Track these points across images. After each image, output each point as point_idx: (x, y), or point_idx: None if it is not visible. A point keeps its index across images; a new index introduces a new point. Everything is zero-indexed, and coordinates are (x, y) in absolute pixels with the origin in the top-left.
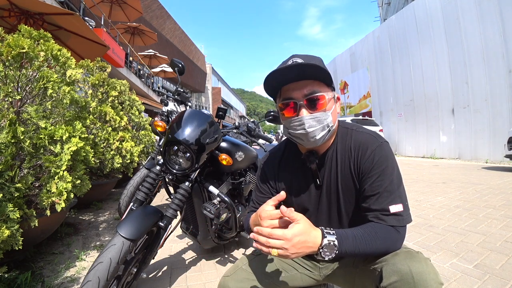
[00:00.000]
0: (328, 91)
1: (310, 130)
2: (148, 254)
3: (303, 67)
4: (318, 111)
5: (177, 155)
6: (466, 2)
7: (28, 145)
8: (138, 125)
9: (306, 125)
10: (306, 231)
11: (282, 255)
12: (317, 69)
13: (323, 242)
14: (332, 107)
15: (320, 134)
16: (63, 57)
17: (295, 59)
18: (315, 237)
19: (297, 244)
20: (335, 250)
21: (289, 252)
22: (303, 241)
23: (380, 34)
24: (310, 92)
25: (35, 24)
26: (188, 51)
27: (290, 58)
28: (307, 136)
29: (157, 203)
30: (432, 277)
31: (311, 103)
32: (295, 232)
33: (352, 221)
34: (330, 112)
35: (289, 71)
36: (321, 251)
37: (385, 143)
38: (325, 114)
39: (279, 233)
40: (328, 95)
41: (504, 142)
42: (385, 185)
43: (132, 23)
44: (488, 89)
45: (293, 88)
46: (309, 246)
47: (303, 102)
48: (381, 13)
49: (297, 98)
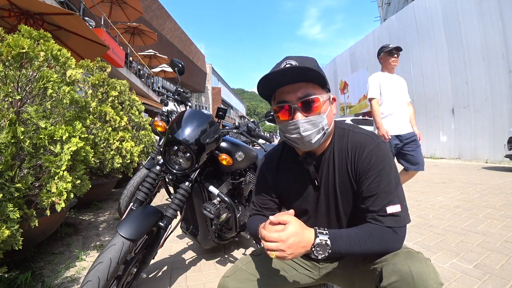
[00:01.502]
0: (322, 93)
1: (306, 134)
2: (148, 254)
3: (296, 69)
4: (313, 114)
5: (177, 155)
6: (466, 2)
7: (28, 145)
8: (138, 125)
9: (301, 129)
10: (298, 231)
11: (279, 256)
12: (311, 72)
13: (315, 241)
14: (328, 109)
15: (316, 137)
16: (63, 57)
17: (289, 61)
18: (308, 237)
19: (292, 245)
20: (327, 249)
21: (286, 253)
22: (298, 241)
23: (380, 34)
24: (304, 95)
25: (35, 24)
26: (188, 51)
27: (284, 60)
28: (302, 140)
29: (157, 203)
30: (432, 277)
31: (305, 106)
32: (289, 233)
33: (351, 221)
34: (325, 114)
35: (282, 74)
36: (313, 250)
37: (382, 143)
38: (320, 117)
39: (274, 235)
40: (322, 97)
41: (504, 142)
42: (382, 185)
43: (132, 23)
44: (488, 89)
45: (287, 91)
46: (303, 245)
47: (298, 105)
48: (381, 13)
49: (291, 101)
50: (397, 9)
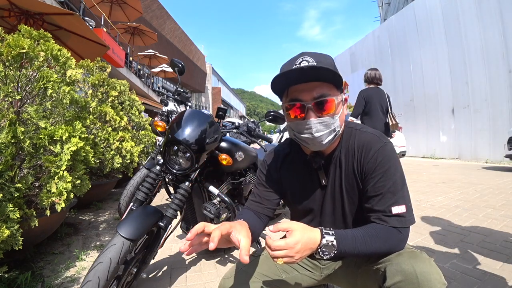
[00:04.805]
0: (337, 95)
1: (318, 135)
2: (148, 254)
3: (318, 69)
4: (326, 115)
5: (177, 155)
6: (466, 2)
7: (28, 145)
8: (138, 125)
9: (313, 130)
10: (304, 235)
11: (288, 262)
12: (328, 72)
13: (321, 242)
14: (340, 110)
15: (328, 138)
16: (63, 57)
17: (305, 57)
18: (315, 238)
19: (300, 249)
20: (334, 250)
21: (295, 259)
22: (305, 244)
23: (380, 34)
24: (319, 95)
25: (35, 24)
26: (188, 51)
27: (300, 56)
28: (313, 141)
29: (157, 203)
30: (436, 277)
31: (319, 106)
32: (296, 238)
33: (356, 221)
34: (338, 116)
35: (300, 72)
36: (319, 250)
37: (388, 143)
38: (333, 118)
39: (281, 243)
40: (337, 99)
41: (504, 142)
42: (388, 185)
43: (132, 23)
44: (488, 89)
45: (302, 89)
46: (310, 247)
47: (311, 105)
48: (381, 13)
49: (306, 100)
50: (397, 9)
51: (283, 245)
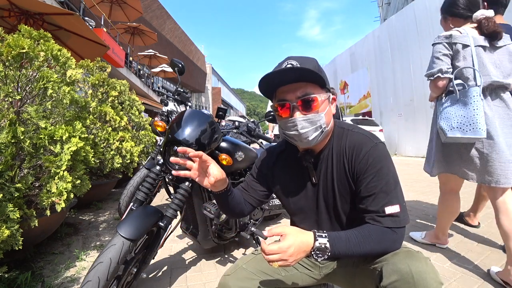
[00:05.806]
0: (321, 93)
1: (303, 131)
2: (148, 254)
3: (296, 70)
4: (311, 113)
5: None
6: None
7: (28, 145)
8: (138, 125)
9: (298, 126)
10: (297, 239)
11: (282, 265)
12: (310, 73)
13: (315, 245)
14: (326, 108)
15: (313, 135)
16: (63, 57)
17: (290, 61)
18: (308, 241)
19: (294, 253)
20: (327, 252)
21: (289, 262)
22: (298, 248)
23: (380, 34)
24: (303, 94)
25: (35, 24)
26: (188, 51)
27: (286, 60)
28: (300, 137)
29: (157, 203)
30: (432, 277)
31: (304, 104)
32: (289, 242)
33: (353, 220)
34: (324, 113)
35: (283, 74)
36: (313, 253)
37: (380, 143)
38: (318, 115)
39: (274, 248)
40: (321, 97)
41: None
42: (380, 185)
43: (132, 23)
44: None
45: (288, 90)
46: (303, 250)
47: (297, 104)
48: (381, 13)
49: (291, 99)
50: (397, 9)
51: (276, 249)
